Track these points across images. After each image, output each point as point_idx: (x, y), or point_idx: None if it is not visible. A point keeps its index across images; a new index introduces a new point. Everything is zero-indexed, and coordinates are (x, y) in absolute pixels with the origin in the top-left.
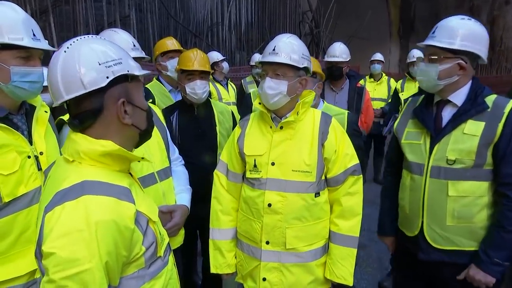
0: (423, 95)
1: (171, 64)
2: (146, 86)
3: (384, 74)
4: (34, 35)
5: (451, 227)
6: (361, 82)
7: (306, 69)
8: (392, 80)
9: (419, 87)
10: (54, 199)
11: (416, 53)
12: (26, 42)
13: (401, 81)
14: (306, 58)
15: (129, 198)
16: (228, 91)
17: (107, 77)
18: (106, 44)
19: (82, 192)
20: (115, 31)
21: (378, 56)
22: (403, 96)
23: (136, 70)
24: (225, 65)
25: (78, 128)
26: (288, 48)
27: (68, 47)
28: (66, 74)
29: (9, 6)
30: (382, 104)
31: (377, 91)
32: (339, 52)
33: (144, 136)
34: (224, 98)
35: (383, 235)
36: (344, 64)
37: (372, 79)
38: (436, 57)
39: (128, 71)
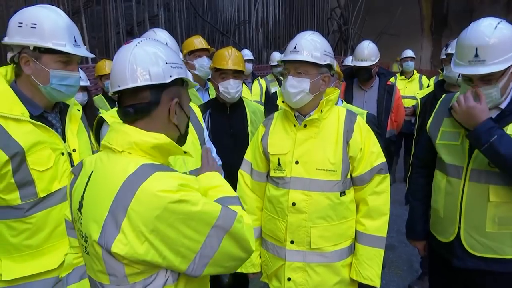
0: (457, 92)
1: (199, 63)
2: None
3: (415, 71)
4: (75, 41)
5: (491, 234)
6: (392, 79)
7: (329, 66)
8: (424, 77)
9: (435, 84)
10: (122, 191)
11: (453, 44)
12: (68, 48)
13: (434, 78)
14: (329, 55)
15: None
16: (251, 90)
17: (171, 76)
18: (171, 49)
19: (151, 171)
20: (154, 32)
21: (410, 53)
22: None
23: (191, 78)
24: (248, 66)
25: (129, 117)
26: (309, 45)
27: (139, 43)
28: (136, 64)
29: (54, 11)
30: (414, 102)
31: (408, 88)
32: (367, 54)
33: (180, 140)
34: (245, 98)
35: (413, 239)
36: (373, 66)
37: (403, 77)
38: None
39: (185, 76)
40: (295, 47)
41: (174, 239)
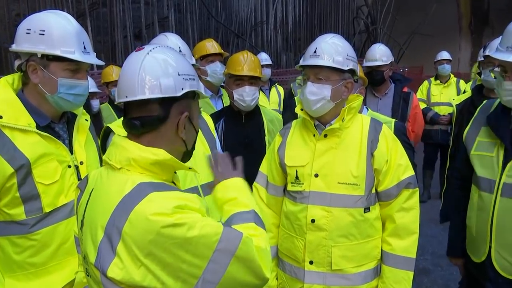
0: (498, 99)
1: (211, 69)
2: None
3: (452, 75)
4: (84, 47)
5: None
6: (425, 84)
7: (352, 72)
8: (461, 81)
9: (472, 89)
10: (117, 212)
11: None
12: (77, 56)
13: (471, 82)
14: (352, 59)
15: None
16: (269, 97)
17: (182, 89)
18: (184, 59)
19: (146, 191)
20: (166, 36)
21: (446, 55)
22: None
23: (203, 91)
24: (266, 71)
25: (134, 130)
26: (331, 49)
27: (151, 50)
28: (146, 74)
29: (64, 17)
30: (450, 109)
31: (444, 94)
32: (379, 54)
33: (187, 155)
34: (262, 106)
35: (453, 256)
36: (385, 67)
37: (438, 81)
38: None
39: (197, 89)
40: (315, 51)
41: (172, 264)
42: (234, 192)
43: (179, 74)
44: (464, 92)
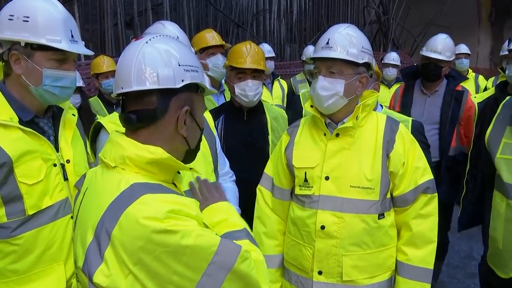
0: None
1: (212, 62)
2: None
3: (470, 71)
4: (72, 36)
5: None
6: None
7: (367, 65)
8: (481, 77)
9: (495, 86)
10: (107, 214)
11: None
12: (64, 45)
13: (493, 78)
14: (367, 52)
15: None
16: (271, 92)
17: (182, 80)
18: (187, 48)
19: (139, 193)
20: (163, 25)
21: (464, 49)
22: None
23: (207, 84)
24: (269, 64)
25: (131, 125)
26: (345, 40)
27: (150, 39)
28: (143, 64)
29: (50, 2)
30: None
31: None
32: (442, 47)
33: (190, 155)
34: (266, 102)
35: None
36: (445, 64)
37: None
38: None
39: (201, 81)
40: (327, 42)
41: (162, 275)
42: (222, 214)
43: (179, 65)
44: (486, 89)
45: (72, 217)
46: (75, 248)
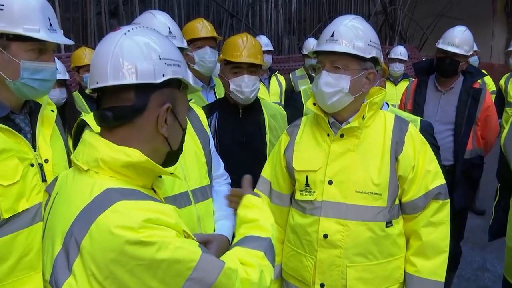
0: None
1: (199, 55)
2: None
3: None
4: (50, 24)
5: None
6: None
7: (375, 60)
8: (488, 78)
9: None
10: (77, 222)
11: None
12: (43, 34)
13: (506, 75)
14: (375, 45)
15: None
16: (268, 88)
17: (163, 75)
18: (170, 41)
19: (113, 199)
20: (152, 14)
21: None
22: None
23: (191, 80)
24: (267, 58)
25: (106, 123)
26: (350, 33)
27: (129, 31)
28: (120, 57)
29: None
30: None
31: None
32: (460, 40)
33: (171, 158)
34: (263, 98)
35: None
36: (463, 59)
37: None
38: None
39: (183, 77)
40: (332, 35)
41: None
42: (257, 212)
43: (160, 58)
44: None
45: None
46: (43, 258)
